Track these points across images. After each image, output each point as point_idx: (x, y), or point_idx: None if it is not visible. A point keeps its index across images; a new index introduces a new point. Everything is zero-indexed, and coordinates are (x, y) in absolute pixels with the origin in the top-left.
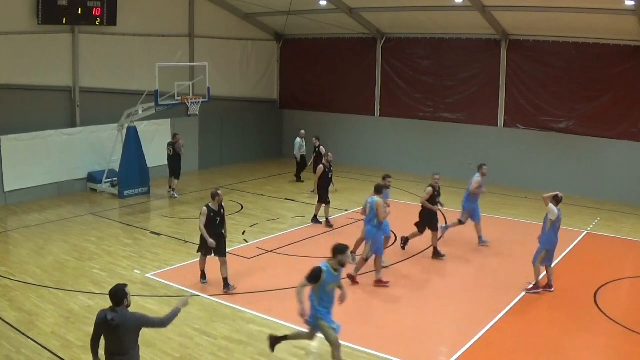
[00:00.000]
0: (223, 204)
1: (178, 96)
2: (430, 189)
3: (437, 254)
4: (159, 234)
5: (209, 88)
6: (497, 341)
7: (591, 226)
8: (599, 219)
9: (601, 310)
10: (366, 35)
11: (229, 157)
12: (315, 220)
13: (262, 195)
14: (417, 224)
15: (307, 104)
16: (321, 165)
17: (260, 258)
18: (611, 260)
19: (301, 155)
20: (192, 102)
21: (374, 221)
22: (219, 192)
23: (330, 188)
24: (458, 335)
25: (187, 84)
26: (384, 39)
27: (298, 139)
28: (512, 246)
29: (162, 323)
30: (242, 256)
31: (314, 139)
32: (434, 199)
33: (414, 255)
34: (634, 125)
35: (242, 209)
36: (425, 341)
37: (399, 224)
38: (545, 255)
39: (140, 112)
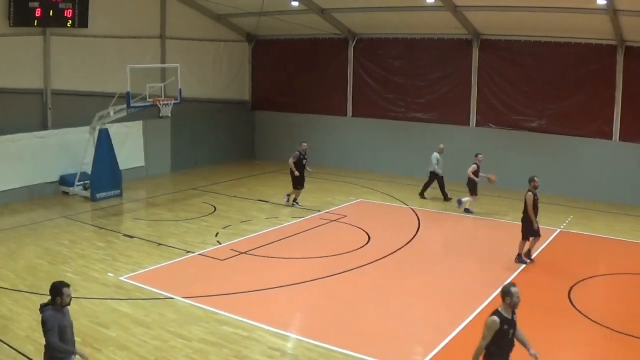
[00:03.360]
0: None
1: (150, 98)
2: (297, 153)
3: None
4: (131, 237)
5: (180, 89)
6: (472, 339)
7: (564, 224)
8: (571, 216)
9: (575, 308)
10: (338, 35)
11: (201, 159)
12: (521, 259)
13: (235, 196)
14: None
15: (279, 104)
16: (530, 193)
17: (234, 259)
18: (584, 258)
19: (431, 172)
20: (163, 104)
21: None
22: (515, 288)
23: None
24: (433, 334)
25: (159, 85)
26: (355, 39)
27: (435, 154)
28: (487, 244)
29: (47, 337)
30: (215, 258)
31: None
32: (300, 162)
33: (386, 256)
34: (607, 124)
35: (215, 210)
36: (401, 341)
37: (371, 222)
38: None
39: (111, 114)
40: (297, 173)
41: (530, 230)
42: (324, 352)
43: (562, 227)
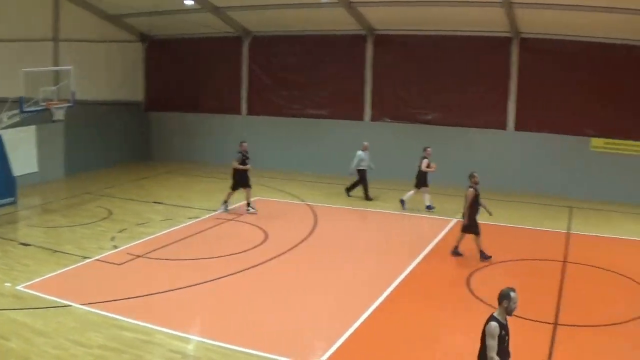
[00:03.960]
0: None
1: (43, 102)
2: (239, 155)
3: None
4: (27, 245)
5: (73, 92)
6: (374, 330)
7: (461, 213)
8: None
9: (475, 295)
10: (232, 34)
11: (95, 162)
12: (483, 255)
13: (130, 199)
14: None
15: (174, 105)
16: (472, 189)
17: (131, 263)
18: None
19: (359, 170)
20: (56, 108)
21: None
22: (515, 293)
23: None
24: (335, 328)
25: (52, 89)
26: (250, 37)
27: (360, 152)
28: (385, 237)
29: None
30: (112, 262)
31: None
32: (244, 163)
33: (284, 252)
34: (501, 114)
35: (110, 214)
36: (304, 336)
37: (268, 219)
38: None
39: (5, 120)
40: (248, 167)
41: (472, 226)
42: (227, 352)
43: (458, 216)
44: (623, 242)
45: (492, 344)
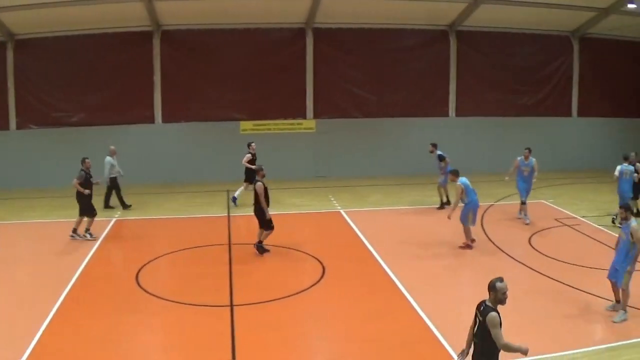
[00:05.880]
0: None
1: None
2: (82, 173)
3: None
4: None
5: None
6: (53, 346)
7: (118, 214)
8: (132, 204)
9: (146, 291)
10: None
11: None
12: (260, 248)
13: None
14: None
15: None
16: (260, 183)
17: None
18: (144, 241)
19: (111, 178)
20: None
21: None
22: (501, 284)
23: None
24: (10, 353)
25: None
26: None
27: (108, 158)
28: (43, 247)
29: None
30: None
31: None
32: (88, 181)
33: None
34: (149, 108)
35: None
36: None
37: None
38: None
39: None
40: (87, 192)
41: (264, 220)
42: None
43: (116, 216)
44: (284, 217)
45: (499, 332)
